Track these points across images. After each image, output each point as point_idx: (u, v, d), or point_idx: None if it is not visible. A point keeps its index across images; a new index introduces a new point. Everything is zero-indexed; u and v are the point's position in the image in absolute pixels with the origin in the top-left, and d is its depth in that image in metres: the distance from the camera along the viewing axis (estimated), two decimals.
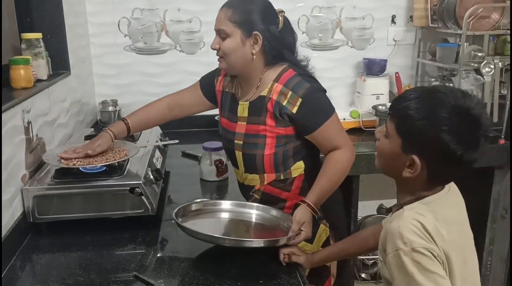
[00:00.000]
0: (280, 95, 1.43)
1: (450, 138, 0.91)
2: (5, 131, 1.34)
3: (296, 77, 1.43)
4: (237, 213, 1.50)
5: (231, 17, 1.39)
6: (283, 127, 1.45)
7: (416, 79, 2.83)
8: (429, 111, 0.93)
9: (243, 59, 1.43)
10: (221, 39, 1.42)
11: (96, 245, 1.40)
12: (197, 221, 1.43)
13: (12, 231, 1.34)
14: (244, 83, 1.53)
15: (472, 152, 0.93)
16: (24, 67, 1.58)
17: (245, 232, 1.43)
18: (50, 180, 1.48)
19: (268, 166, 1.49)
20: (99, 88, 2.66)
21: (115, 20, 2.57)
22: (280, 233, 1.38)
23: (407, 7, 2.75)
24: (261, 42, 1.41)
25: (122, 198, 1.47)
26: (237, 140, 1.52)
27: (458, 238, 0.98)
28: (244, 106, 1.51)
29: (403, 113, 0.97)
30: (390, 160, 1.01)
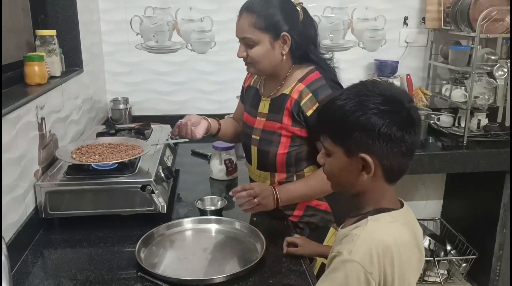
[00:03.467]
0: (300, 95, 1.42)
1: (382, 121, 0.86)
2: (19, 127, 1.35)
3: (321, 80, 1.42)
4: (200, 232, 1.44)
5: (256, 23, 1.36)
6: (298, 128, 1.44)
7: (427, 81, 2.81)
8: (355, 104, 0.88)
9: (274, 62, 1.43)
10: (247, 47, 1.41)
11: (106, 241, 1.41)
12: (161, 253, 1.34)
13: (25, 226, 1.35)
14: (269, 80, 1.54)
15: (410, 132, 0.88)
16: (38, 63, 1.59)
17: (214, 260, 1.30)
18: (62, 176, 1.49)
19: (280, 165, 1.48)
20: (111, 86, 2.68)
21: (127, 18, 2.58)
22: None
23: (419, 9, 2.73)
24: (290, 41, 1.40)
25: (133, 195, 1.48)
26: (254, 135, 1.52)
27: (407, 261, 0.91)
28: (266, 103, 1.51)
29: (331, 121, 0.93)
30: (343, 174, 0.94)
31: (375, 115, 0.87)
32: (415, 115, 0.91)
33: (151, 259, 1.30)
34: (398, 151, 0.89)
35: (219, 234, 1.44)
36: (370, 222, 0.89)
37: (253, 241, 1.37)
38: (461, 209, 2.88)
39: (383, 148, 0.88)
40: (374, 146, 0.88)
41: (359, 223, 0.92)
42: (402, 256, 0.89)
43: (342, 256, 0.86)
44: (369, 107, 0.87)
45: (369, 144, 0.88)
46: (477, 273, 2.70)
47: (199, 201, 1.62)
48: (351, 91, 0.92)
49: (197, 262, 1.29)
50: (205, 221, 1.48)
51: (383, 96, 0.88)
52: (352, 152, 0.91)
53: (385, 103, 0.87)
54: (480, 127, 2.53)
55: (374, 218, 0.90)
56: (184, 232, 1.44)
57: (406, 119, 0.89)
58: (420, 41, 2.78)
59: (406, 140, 0.89)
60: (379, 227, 0.89)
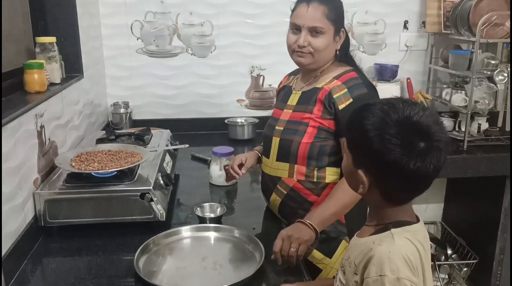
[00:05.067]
0: (334, 88, 1.43)
1: (387, 145, 0.84)
2: (18, 135, 1.35)
3: (358, 79, 1.44)
4: (199, 240, 1.44)
5: (328, 14, 1.41)
6: (327, 119, 1.43)
7: (427, 85, 2.81)
8: (375, 126, 0.87)
9: (329, 55, 1.48)
10: (311, 36, 1.43)
11: (105, 250, 1.41)
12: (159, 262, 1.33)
13: (24, 235, 1.35)
14: (306, 74, 1.55)
15: (417, 160, 0.84)
16: (38, 71, 1.59)
17: (212, 269, 1.30)
18: (61, 184, 1.49)
19: (302, 156, 1.46)
20: (111, 90, 2.68)
21: (128, 23, 2.59)
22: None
23: (419, 13, 2.73)
24: (344, 37, 1.47)
25: (132, 203, 1.48)
26: (278, 126, 1.53)
27: (428, 270, 0.93)
28: (296, 95, 1.53)
29: (352, 127, 0.95)
30: (348, 177, 0.98)
31: (380, 139, 0.86)
32: (433, 151, 0.86)
33: (150, 267, 1.30)
34: (397, 177, 0.88)
35: (218, 242, 1.44)
36: (396, 236, 0.90)
37: (252, 250, 1.37)
38: (462, 213, 2.87)
39: (379, 171, 0.89)
40: (372, 167, 0.90)
41: (381, 236, 0.91)
42: (427, 267, 0.91)
43: (388, 277, 0.85)
44: (384, 138, 0.86)
45: (368, 163, 0.90)
46: (478, 278, 2.69)
47: (198, 208, 1.62)
48: (380, 109, 0.89)
49: (196, 272, 1.29)
50: (204, 229, 1.48)
51: (398, 125, 0.86)
52: (356, 163, 0.93)
53: (397, 134, 0.85)
54: (480, 131, 2.52)
55: (397, 231, 0.91)
56: (182, 240, 1.44)
57: (420, 150, 0.85)
58: (420, 45, 2.77)
59: (412, 170, 0.85)
60: (406, 240, 0.90)
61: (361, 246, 0.94)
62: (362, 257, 0.91)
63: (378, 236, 0.92)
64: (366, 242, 0.93)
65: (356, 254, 0.94)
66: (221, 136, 2.63)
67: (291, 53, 1.51)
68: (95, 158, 1.57)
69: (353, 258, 0.95)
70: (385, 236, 0.91)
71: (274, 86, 2.76)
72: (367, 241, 0.93)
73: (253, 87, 2.77)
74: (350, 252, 0.98)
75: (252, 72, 2.74)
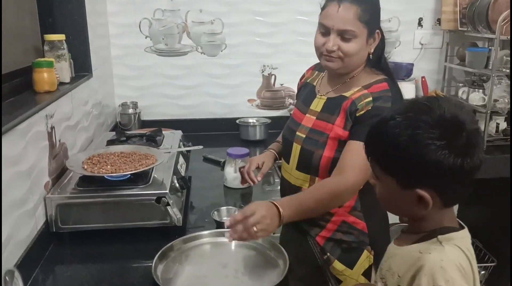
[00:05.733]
0: (360, 97, 1.31)
1: (440, 156, 0.79)
2: (29, 137, 1.29)
3: (387, 92, 1.30)
4: (218, 246, 1.37)
5: (361, 16, 1.26)
6: (347, 131, 1.32)
7: (442, 84, 2.74)
8: (408, 138, 0.80)
9: (361, 60, 1.34)
10: (341, 39, 1.29)
11: (121, 257, 1.35)
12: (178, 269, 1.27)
13: (35, 242, 1.29)
14: (333, 78, 1.42)
15: (468, 159, 0.81)
16: (47, 70, 1.53)
17: (234, 277, 1.23)
18: (73, 188, 1.43)
19: (323, 169, 1.36)
20: (119, 90, 2.62)
21: (136, 21, 2.52)
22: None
23: (434, 10, 2.66)
24: (379, 40, 1.32)
25: (148, 208, 1.41)
26: (299, 132, 1.42)
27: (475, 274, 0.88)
28: (321, 101, 1.41)
29: (382, 149, 0.86)
30: (395, 203, 0.89)
31: (432, 150, 0.79)
32: (475, 140, 0.82)
33: (169, 275, 1.23)
34: (457, 181, 0.83)
35: (238, 249, 1.37)
36: (445, 244, 0.84)
37: (275, 257, 1.30)
38: (478, 214, 2.80)
39: (441, 181, 0.82)
40: (432, 181, 0.82)
41: (428, 244, 0.85)
42: (476, 275, 0.86)
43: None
44: (424, 143, 0.79)
45: (426, 178, 0.82)
46: (496, 281, 2.62)
47: (215, 212, 1.55)
48: (402, 117, 0.83)
49: (217, 280, 1.22)
50: (223, 234, 1.41)
51: (439, 127, 0.80)
52: (406, 185, 0.84)
53: (441, 137, 0.79)
54: (499, 131, 2.46)
55: (445, 238, 0.85)
56: (202, 246, 1.37)
57: (465, 146, 0.81)
58: (435, 42, 2.71)
59: (464, 169, 0.81)
60: (456, 248, 0.84)
61: (404, 256, 0.88)
62: (408, 267, 0.85)
63: (424, 245, 0.86)
64: (410, 251, 0.87)
65: (399, 265, 0.88)
66: (233, 137, 2.57)
67: (319, 56, 1.38)
68: (107, 160, 1.50)
69: (396, 269, 0.88)
70: (432, 244, 0.85)
71: (286, 85, 2.69)
72: (411, 250, 0.87)
73: (264, 87, 2.70)
74: (391, 262, 0.91)
75: (263, 71, 2.67)
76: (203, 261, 1.32)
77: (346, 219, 1.40)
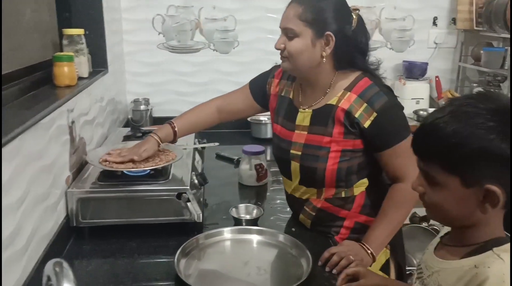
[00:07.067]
0: (352, 105, 1.29)
1: (506, 144, 0.75)
2: (51, 131, 1.28)
3: (373, 87, 1.28)
4: (240, 243, 1.37)
5: (302, 15, 1.26)
6: (351, 140, 1.31)
7: (456, 84, 2.73)
8: (472, 130, 0.77)
9: (311, 62, 1.30)
10: (287, 39, 1.29)
11: (141, 252, 1.34)
12: (199, 265, 1.27)
13: (57, 236, 1.28)
14: (308, 88, 1.39)
15: None
16: (68, 64, 1.52)
17: (257, 274, 1.23)
18: (94, 182, 1.42)
19: (329, 181, 1.35)
20: (131, 86, 2.61)
21: (150, 17, 2.52)
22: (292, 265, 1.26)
23: (449, 9, 2.65)
24: (333, 43, 1.27)
25: (168, 203, 1.40)
26: (294, 150, 1.38)
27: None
28: (306, 115, 1.37)
29: (442, 148, 0.80)
30: (456, 207, 0.83)
31: (494, 141, 0.76)
32: None
33: (191, 271, 1.22)
34: None
35: (259, 246, 1.36)
36: (503, 256, 0.80)
37: (296, 254, 1.29)
38: None
39: (505, 172, 0.77)
40: (501, 174, 0.77)
41: (484, 258, 0.81)
42: None
43: None
44: (486, 133, 0.76)
45: (495, 172, 0.77)
46: None
47: (233, 209, 1.54)
48: (456, 113, 0.80)
49: (239, 277, 1.21)
50: (245, 231, 1.39)
51: (498, 117, 0.77)
52: (472, 182, 0.80)
53: (502, 123, 0.76)
54: None
55: (501, 250, 0.81)
56: (223, 243, 1.36)
57: None
58: (449, 42, 2.70)
59: None
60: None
61: (456, 271, 0.83)
62: (464, 284, 0.81)
63: (480, 258, 0.81)
64: (462, 266, 0.83)
65: (452, 281, 0.83)
66: (244, 134, 2.56)
67: None
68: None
69: (446, 285, 0.85)
70: (488, 258, 0.81)
71: None
72: (464, 264, 0.83)
73: None
74: (439, 277, 0.87)
75: None
76: (225, 258, 1.32)
77: (358, 219, 1.40)
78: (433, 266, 0.91)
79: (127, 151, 1.45)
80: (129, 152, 1.44)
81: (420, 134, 0.86)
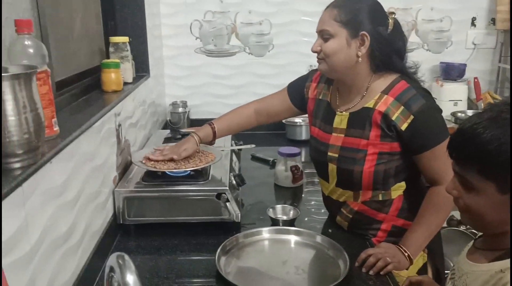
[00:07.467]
0: (389, 108, 1.31)
1: None
2: (102, 134, 1.37)
3: (411, 90, 1.30)
4: (278, 243, 1.41)
5: (337, 16, 1.29)
6: (388, 143, 1.33)
7: (496, 85, 2.68)
8: (508, 135, 0.78)
9: (347, 62, 1.31)
10: (323, 40, 1.32)
11: (183, 249, 1.41)
12: (238, 263, 1.32)
13: (105, 233, 1.36)
14: (345, 91, 1.42)
15: None
16: (115, 70, 1.61)
17: (295, 274, 1.27)
18: (138, 182, 1.50)
19: (366, 184, 1.37)
20: (170, 89, 2.70)
21: (188, 23, 2.60)
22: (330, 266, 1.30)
23: (488, 9, 2.61)
24: (369, 43, 1.29)
25: (208, 203, 1.46)
26: (331, 153, 1.41)
27: None
28: (343, 117, 1.40)
29: (481, 153, 0.80)
30: (491, 213, 0.83)
31: None
32: None
33: (229, 268, 1.28)
34: None
35: (297, 246, 1.41)
36: None
37: (333, 255, 1.33)
38: None
39: None
40: None
41: (509, 263, 0.83)
42: None
43: None
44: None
45: None
46: None
47: (270, 209, 1.59)
48: (497, 117, 0.81)
49: (278, 275, 1.26)
50: (283, 232, 1.44)
51: None
52: (508, 189, 0.80)
53: None
54: None
55: None
56: (262, 242, 1.41)
57: None
58: (488, 42, 2.66)
59: None
60: None
61: (483, 274, 0.85)
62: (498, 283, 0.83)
63: (506, 263, 0.83)
64: (489, 270, 0.85)
65: (478, 284, 0.86)
66: (279, 136, 2.60)
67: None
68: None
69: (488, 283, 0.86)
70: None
71: None
72: (491, 268, 0.84)
73: None
74: (467, 279, 0.89)
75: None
76: (263, 257, 1.37)
77: (395, 223, 1.41)
78: (464, 268, 0.92)
79: (168, 150, 1.53)
80: (170, 151, 1.52)
81: (457, 138, 0.87)
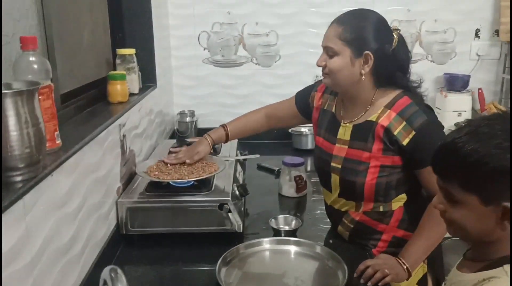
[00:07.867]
0: (391, 123, 1.33)
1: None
2: (106, 145, 1.40)
3: (413, 106, 1.32)
4: (278, 253, 1.43)
5: (341, 34, 1.31)
6: (390, 156, 1.35)
7: (500, 96, 2.68)
8: (491, 148, 0.79)
9: (350, 79, 1.34)
10: (328, 57, 1.35)
11: (185, 260, 1.43)
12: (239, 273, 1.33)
13: (108, 243, 1.39)
14: (349, 103, 1.44)
15: None
16: (120, 82, 1.65)
17: (294, 284, 1.28)
18: (142, 192, 1.53)
19: (368, 195, 1.39)
20: (178, 99, 2.74)
21: (196, 34, 2.64)
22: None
23: (492, 21, 2.62)
24: (372, 62, 1.32)
25: (210, 214, 1.49)
26: (334, 163, 1.44)
27: None
28: (347, 129, 1.42)
29: (461, 167, 0.82)
30: (475, 224, 0.85)
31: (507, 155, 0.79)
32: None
33: (230, 279, 1.30)
34: None
35: (298, 257, 1.42)
36: (510, 273, 0.83)
37: (332, 266, 1.34)
38: None
39: None
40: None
41: (493, 273, 0.84)
42: None
43: None
44: (504, 152, 0.79)
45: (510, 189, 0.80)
46: None
47: (273, 219, 1.61)
48: (475, 132, 0.83)
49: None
50: (284, 242, 1.46)
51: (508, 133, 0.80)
52: (490, 200, 0.82)
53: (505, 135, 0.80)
54: None
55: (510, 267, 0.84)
56: (263, 253, 1.43)
57: None
58: (492, 54, 2.66)
59: None
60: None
61: (468, 284, 0.87)
62: None
63: (489, 273, 0.84)
64: (473, 280, 0.86)
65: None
66: (285, 145, 2.62)
67: None
68: (172, 167, 1.59)
69: None
70: (497, 273, 0.83)
71: None
72: (475, 277, 0.86)
73: None
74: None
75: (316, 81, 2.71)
76: (264, 267, 1.38)
77: (396, 234, 1.43)
78: (453, 279, 0.94)
79: (182, 153, 1.60)
80: (184, 154, 1.59)
81: (439, 153, 0.89)
